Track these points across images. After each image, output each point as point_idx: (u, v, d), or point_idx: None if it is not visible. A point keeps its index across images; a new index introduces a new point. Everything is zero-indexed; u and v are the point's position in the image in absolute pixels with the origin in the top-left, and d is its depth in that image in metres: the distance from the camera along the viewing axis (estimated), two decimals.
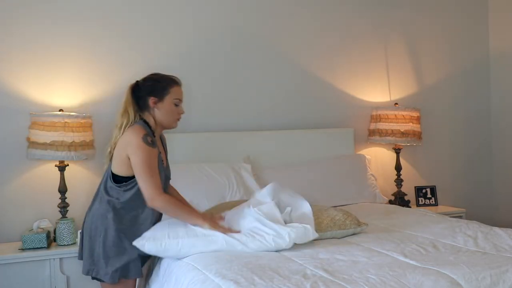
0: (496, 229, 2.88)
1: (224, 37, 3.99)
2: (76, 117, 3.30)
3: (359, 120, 4.39)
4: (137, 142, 2.56)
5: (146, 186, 2.54)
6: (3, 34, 3.43)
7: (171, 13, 3.84)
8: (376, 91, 4.49)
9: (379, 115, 4.26)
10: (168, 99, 2.71)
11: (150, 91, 2.70)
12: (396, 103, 4.42)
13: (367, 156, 4.23)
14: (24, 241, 3.17)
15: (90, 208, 2.75)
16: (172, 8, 3.84)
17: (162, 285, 2.55)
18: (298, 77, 4.21)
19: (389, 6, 4.53)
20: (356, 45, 4.42)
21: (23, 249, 3.16)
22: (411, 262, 2.33)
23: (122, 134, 2.66)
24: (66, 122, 3.24)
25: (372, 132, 4.31)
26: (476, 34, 4.90)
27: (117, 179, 2.65)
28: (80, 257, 2.78)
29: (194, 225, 2.60)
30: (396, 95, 4.54)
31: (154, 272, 2.74)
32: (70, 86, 3.58)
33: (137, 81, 2.77)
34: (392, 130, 4.18)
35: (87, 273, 2.68)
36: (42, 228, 3.30)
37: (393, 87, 4.55)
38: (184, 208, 2.67)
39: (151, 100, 2.69)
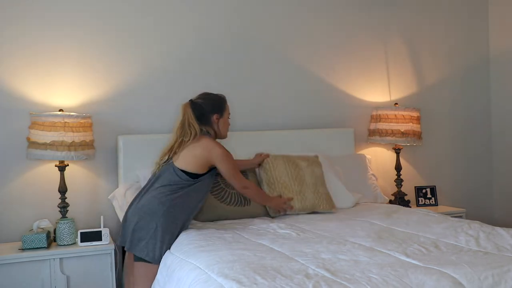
0: (498, 229, 2.88)
1: (224, 37, 3.98)
2: (76, 117, 3.29)
3: (359, 120, 4.39)
4: (222, 151, 3.10)
5: (239, 181, 3.18)
6: (3, 35, 3.43)
7: (171, 14, 3.83)
8: (376, 91, 4.49)
9: (379, 115, 4.26)
10: (226, 115, 3.27)
11: (213, 109, 3.21)
12: (396, 103, 4.42)
13: (367, 156, 4.23)
14: (24, 241, 3.16)
15: (139, 201, 3.04)
16: (172, 9, 3.84)
17: (165, 284, 2.55)
18: (298, 77, 4.21)
19: (389, 6, 4.54)
20: (356, 45, 4.42)
21: (23, 249, 3.15)
22: (413, 261, 2.33)
23: (191, 142, 3.10)
24: (66, 122, 3.23)
25: (372, 132, 4.31)
26: (476, 34, 4.90)
27: (189, 174, 3.05)
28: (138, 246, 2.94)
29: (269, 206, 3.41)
30: (396, 95, 4.55)
31: (156, 272, 2.73)
32: (70, 86, 3.57)
33: (193, 100, 3.21)
34: (392, 130, 4.18)
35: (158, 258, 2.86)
36: (42, 228, 3.30)
37: (393, 87, 4.55)
38: (264, 194, 3.41)
39: (214, 117, 3.20)
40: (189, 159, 3.06)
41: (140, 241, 2.90)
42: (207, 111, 3.19)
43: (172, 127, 3.78)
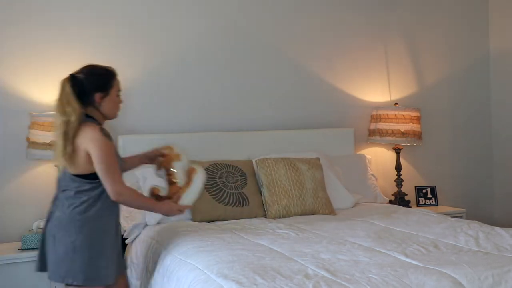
0: (498, 229, 2.88)
1: (224, 37, 3.98)
2: None
3: (359, 120, 4.39)
4: (96, 136, 2.48)
5: (110, 180, 2.47)
6: (3, 35, 3.43)
7: (170, 13, 3.83)
8: (376, 91, 4.49)
9: (379, 115, 4.26)
10: (113, 93, 2.63)
11: (96, 86, 2.58)
12: (396, 103, 4.41)
13: (367, 156, 4.23)
14: (24, 241, 3.16)
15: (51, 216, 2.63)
16: (171, 9, 3.83)
17: (163, 285, 2.54)
18: (298, 77, 4.21)
19: (389, 6, 4.53)
20: (356, 45, 4.41)
21: (23, 249, 3.15)
22: (413, 262, 2.33)
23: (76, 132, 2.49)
24: None
25: (372, 132, 4.31)
26: (476, 34, 4.90)
27: (87, 177, 2.51)
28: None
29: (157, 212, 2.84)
30: (396, 95, 4.54)
31: (154, 272, 2.73)
32: None
33: (74, 75, 2.56)
34: (392, 130, 4.17)
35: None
36: (42, 228, 3.29)
37: (393, 87, 4.55)
38: (147, 199, 2.71)
39: (97, 96, 2.57)
40: (76, 158, 2.48)
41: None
42: (88, 89, 2.54)
43: (172, 127, 3.79)
